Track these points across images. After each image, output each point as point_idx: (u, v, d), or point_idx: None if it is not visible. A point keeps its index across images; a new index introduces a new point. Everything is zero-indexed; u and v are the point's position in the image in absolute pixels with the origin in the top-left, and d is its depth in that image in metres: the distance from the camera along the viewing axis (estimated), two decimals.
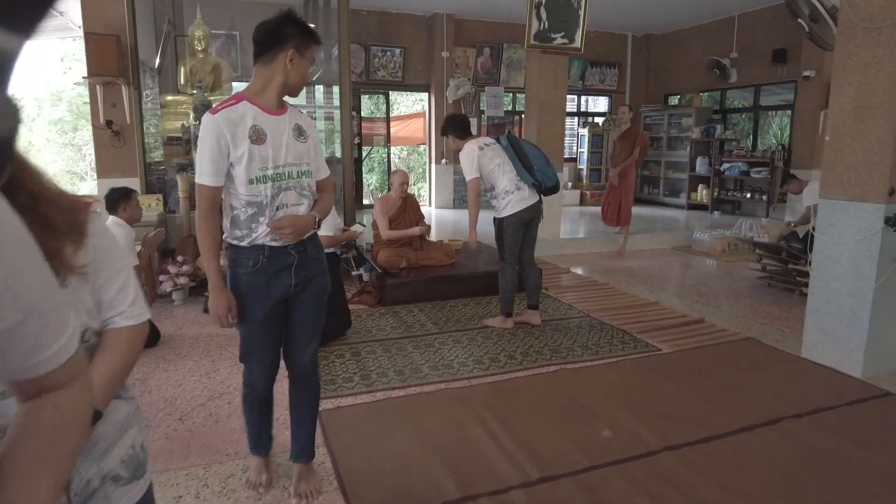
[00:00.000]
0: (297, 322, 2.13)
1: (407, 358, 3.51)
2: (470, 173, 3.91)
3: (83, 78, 4.85)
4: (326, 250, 3.78)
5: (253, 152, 1.88)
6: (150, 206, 5.23)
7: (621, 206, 6.78)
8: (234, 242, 1.98)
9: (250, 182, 1.90)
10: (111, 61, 4.75)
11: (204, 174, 1.89)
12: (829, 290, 3.34)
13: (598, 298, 4.88)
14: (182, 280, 4.71)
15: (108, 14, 4.95)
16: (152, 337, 3.80)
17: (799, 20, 4.40)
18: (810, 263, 3.60)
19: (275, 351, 2.15)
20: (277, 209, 1.95)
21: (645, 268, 6.22)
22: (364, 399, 2.98)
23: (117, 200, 3.62)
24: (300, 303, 2.10)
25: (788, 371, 3.37)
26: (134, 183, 5.32)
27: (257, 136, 1.90)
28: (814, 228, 3.47)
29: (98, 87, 4.99)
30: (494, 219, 4.02)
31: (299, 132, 2.02)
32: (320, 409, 2.82)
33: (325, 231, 3.83)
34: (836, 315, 3.32)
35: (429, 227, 4.55)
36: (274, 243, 1.97)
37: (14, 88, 0.46)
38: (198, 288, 4.88)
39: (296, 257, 2.02)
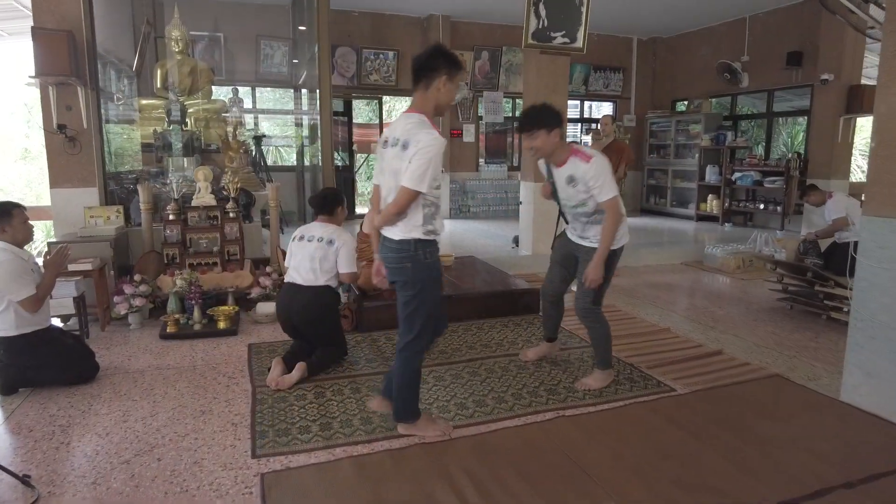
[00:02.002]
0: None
1: None
2: (615, 187, 2.92)
3: (30, 77, 4.39)
4: (326, 283, 3.39)
5: (440, 166, 2.41)
6: (109, 219, 4.76)
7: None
8: (429, 237, 2.44)
9: (437, 187, 2.41)
10: (62, 59, 4.27)
11: (426, 184, 2.32)
12: (875, 325, 2.83)
13: None
14: (138, 301, 4.22)
15: (60, 7, 4.48)
16: (89, 371, 3.30)
17: (837, 16, 3.89)
18: (850, 288, 3.09)
19: None
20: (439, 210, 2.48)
21: (653, 286, 5.71)
22: (320, 457, 2.47)
23: None
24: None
25: (828, 421, 2.85)
26: (92, 193, 4.86)
27: None
28: (855, 252, 2.96)
29: (50, 87, 4.52)
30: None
31: None
32: (265, 471, 2.34)
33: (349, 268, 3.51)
34: (886, 354, 2.80)
35: None
36: (442, 231, 2.54)
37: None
38: (157, 310, 4.40)
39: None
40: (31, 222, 3.25)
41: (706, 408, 2.97)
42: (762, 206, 8.68)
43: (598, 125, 6.16)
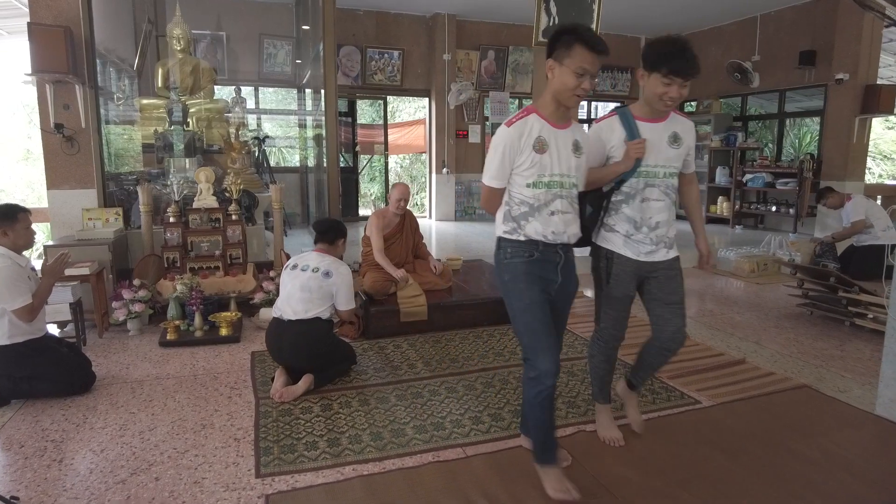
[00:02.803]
0: (553, 322, 2.14)
1: (388, 413, 2.86)
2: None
3: (27, 75, 4.25)
4: (317, 315, 3.17)
5: (534, 160, 2.03)
6: (108, 222, 4.63)
7: None
8: (510, 236, 2.12)
9: (530, 184, 2.05)
10: (59, 56, 4.13)
11: (488, 175, 2.09)
12: None
13: None
14: (137, 307, 4.08)
15: (57, 2, 4.34)
16: (85, 382, 3.16)
17: (875, 11, 3.73)
18: (887, 296, 2.93)
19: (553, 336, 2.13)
20: (551, 214, 2.08)
21: None
22: (328, 476, 2.33)
23: None
24: (560, 302, 2.22)
25: (865, 437, 2.70)
26: (91, 195, 4.72)
27: (540, 147, 2.03)
28: (890, 253, 2.80)
29: (47, 85, 4.38)
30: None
31: (576, 147, 2.10)
32: (270, 492, 2.19)
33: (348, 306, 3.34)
34: None
35: (406, 277, 4.21)
36: (545, 240, 2.09)
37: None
38: (157, 316, 4.26)
39: (562, 256, 2.15)
40: (34, 227, 3.12)
41: (734, 421, 2.82)
42: (774, 209, 8.52)
43: None
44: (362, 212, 10.18)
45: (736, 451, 2.53)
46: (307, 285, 3.18)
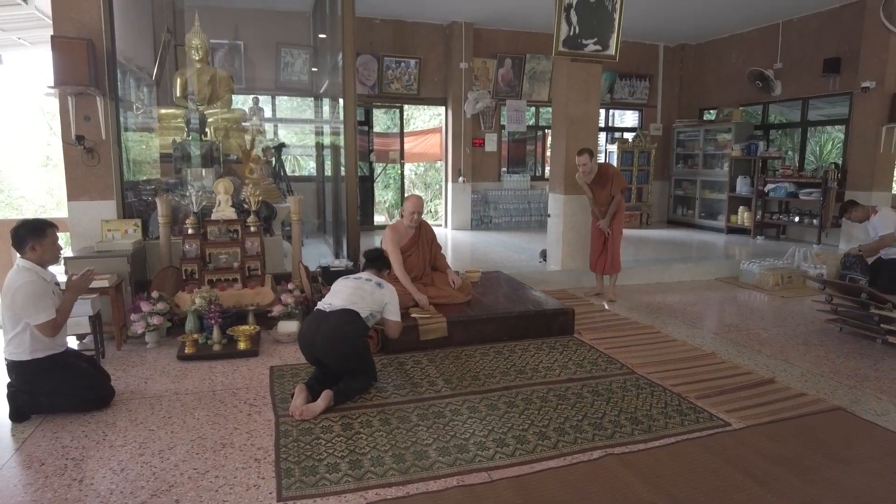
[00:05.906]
0: None
1: (410, 434, 2.79)
2: None
3: (49, 87, 4.27)
4: (358, 310, 3.21)
5: None
6: (127, 233, 4.62)
7: (610, 253, 5.53)
8: None
9: None
10: (81, 68, 4.15)
11: None
12: None
13: (641, 347, 4.12)
14: (155, 320, 4.06)
15: (81, 15, 4.36)
16: (104, 397, 3.13)
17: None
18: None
19: None
20: None
21: (690, 305, 5.44)
22: (350, 500, 2.27)
23: (24, 237, 2.95)
24: None
25: None
26: (110, 206, 4.73)
27: None
28: None
29: (69, 97, 4.39)
30: None
31: None
32: None
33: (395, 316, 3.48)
34: None
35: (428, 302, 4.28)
36: None
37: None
38: (175, 328, 4.24)
39: None
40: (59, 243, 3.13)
41: (766, 446, 2.72)
42: (797, 219, 8.36)
43: (577, 164, 5.38)
44: (377, 219, 10.16)
45: (769, 478, 2.44)
46: (360, 287, 3.37)
